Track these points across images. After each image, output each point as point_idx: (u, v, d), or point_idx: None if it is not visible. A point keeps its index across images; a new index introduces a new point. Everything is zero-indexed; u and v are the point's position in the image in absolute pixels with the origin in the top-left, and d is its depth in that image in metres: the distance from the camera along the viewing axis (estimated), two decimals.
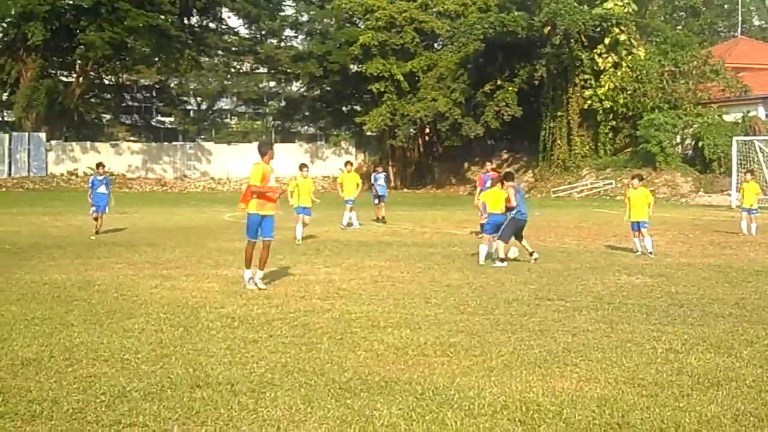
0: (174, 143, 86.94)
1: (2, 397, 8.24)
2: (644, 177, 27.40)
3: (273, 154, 16.92)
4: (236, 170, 77.92)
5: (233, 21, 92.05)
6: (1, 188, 69.34)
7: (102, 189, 28.03)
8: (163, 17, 72.81)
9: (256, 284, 15.67)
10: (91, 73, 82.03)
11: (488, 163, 30.68)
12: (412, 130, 78.28)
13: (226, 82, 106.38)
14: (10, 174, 73.71)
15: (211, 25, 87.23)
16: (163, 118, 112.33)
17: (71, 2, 73.07)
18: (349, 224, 31.36)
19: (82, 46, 72.49)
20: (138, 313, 12.93)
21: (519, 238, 21.04)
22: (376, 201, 35.04)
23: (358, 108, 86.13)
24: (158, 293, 14.99)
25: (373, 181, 36.38)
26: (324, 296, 14.74)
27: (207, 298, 14.50)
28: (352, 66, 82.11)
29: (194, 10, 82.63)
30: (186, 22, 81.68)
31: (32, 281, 16.39)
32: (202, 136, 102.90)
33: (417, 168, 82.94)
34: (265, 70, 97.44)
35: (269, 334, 11.39)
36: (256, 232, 16.18)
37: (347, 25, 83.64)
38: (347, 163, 33.86)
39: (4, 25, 78.28)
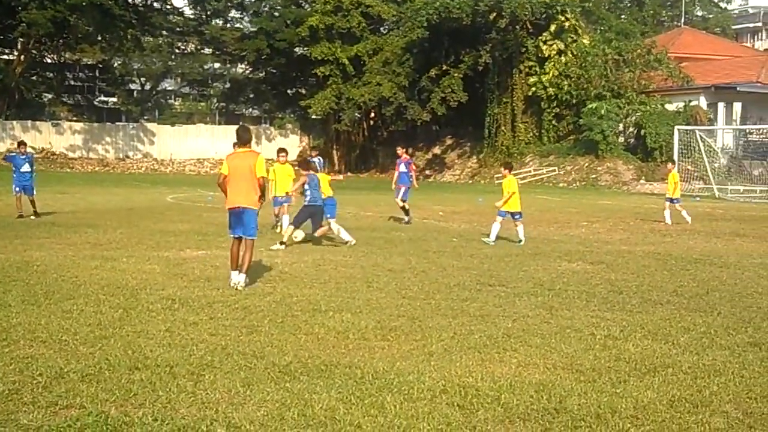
0: (116, 123, 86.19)
1: None
2: (513, 166, 27.03)
3: None
4: (179, 152, 77.56)
5: (178, 1, 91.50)
6: None
7: (26, 168, 27.13)
8: None
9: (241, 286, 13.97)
10: (33, 51, 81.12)
11: (400, 149, 30.72)
12: (357, 114, 78.23)
13: (170, 62, 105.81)
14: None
15: (156, 4, 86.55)
16: (105, 98, 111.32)
17: None
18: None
19: (24, 24, 71.53)
20: (77, 294, 12.82)
21: (316, 224, 21.00)
22: None
23: (303, 91, 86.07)
24: (98, 274, 14.87)
25: None
26: (266, 279, 14.72)
27: (147, 279, 14.41)
28: (297, 49, 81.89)
29: None
30: (130, 1, 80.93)
31: None
32: (146, 117, 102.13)
33: (361, 152, 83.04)
34: (210, 51, 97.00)
35: (210, 317, 11.36)
36: None
37: (293, 6, 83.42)
38: (281, 150, 25.44)
39: None
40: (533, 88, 67.65)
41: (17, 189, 26.78)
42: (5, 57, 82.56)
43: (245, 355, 9.29)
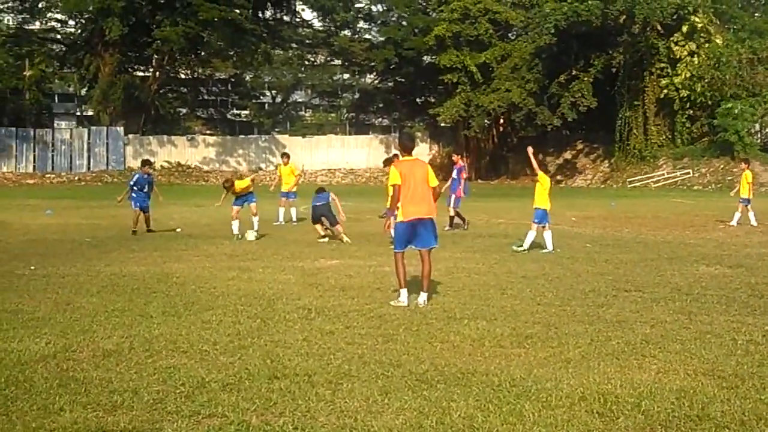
0: (248, 136, 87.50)
1: (84, 388, 8.37)
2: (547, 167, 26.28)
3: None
4: (310, 162, 78.25)
5: (307, 14, 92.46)
6: (80, 182, 70.36)
7: (146, 188, 26.56)
8: (237, 11, 73.20)
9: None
10: (167, 67, 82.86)
11: (455, 155, 30.96)
12: (486, 120, 78.01)
13: (300, 74, 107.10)
14: (89, 168, 74.69)
15: (285, 18, 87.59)
16: (238, 112, 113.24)
17: None
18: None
19: (158, 41, 73.14)
20: (216, 304, 13.04)
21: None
22: None
23: (432, 99, 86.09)
24: (235, 285, 15.10)
25: None
26: None
27: (284, 289, 14.57)
28: (425, 57, 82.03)
29: (268, 4, 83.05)
30: (260, 15, 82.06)
31: (112, 273, 16.63)
32: (277, 129, 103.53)
33: (491, 159, 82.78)
34: (339, 62, 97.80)
35: (346, 326, 11.42)
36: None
37: (420, 14, 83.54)
38: (393, 158, 21.64)
39: (83, 20, 79.45)
40: (665, 90, 66.69)
41: (137, 205, 26.35)
42: (141, 74, 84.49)
43: (382, 363, 9.33)
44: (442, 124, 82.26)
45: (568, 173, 76.36)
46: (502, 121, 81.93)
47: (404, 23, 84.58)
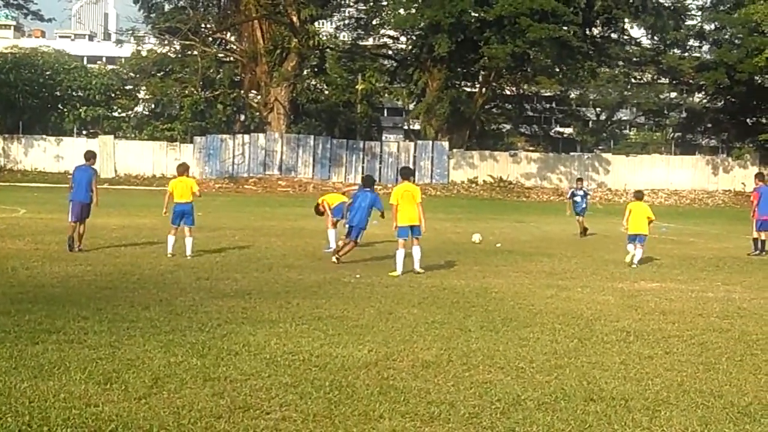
0: (571, 154, 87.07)
1: (403, 397, 8.60)
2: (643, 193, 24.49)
3: None
4: (633, 182, 77.04)
5: (635, 31, 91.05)
6: None
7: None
8: (565, 28, 72.95)
9: None
10: (493, 83, 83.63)
11: (756, 178, 28.81)
12: None
13: (625, 92, 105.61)
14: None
15: (613, 35, 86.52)
16: (561, 129, 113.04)
17: (476, 15, 74.74)
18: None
19: (485, 58, 73.96)
20: (533, 322, 13.07)
21: None
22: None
23: (763, 120, 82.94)
24: (553, 303, 15.08)
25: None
26: (723, 315, 14.29)
27: (602, 310, 14.43)
28: (757, 77, 79.04)
29: (597, 21, 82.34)
30: (587, 33, 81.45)
31: (433, 285, 16.98)
32: (600, 147, 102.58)
33: None
34: (667, 81, 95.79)
35: (665, 351, 11.20)
36: None
37: (755, 33, 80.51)
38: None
39: (413, 37, 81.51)
40: None
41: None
42: (467, 89, 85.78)
43: (702, 392, 9.08)
44: None
45: None
46: None
47: (737, 42, 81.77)
